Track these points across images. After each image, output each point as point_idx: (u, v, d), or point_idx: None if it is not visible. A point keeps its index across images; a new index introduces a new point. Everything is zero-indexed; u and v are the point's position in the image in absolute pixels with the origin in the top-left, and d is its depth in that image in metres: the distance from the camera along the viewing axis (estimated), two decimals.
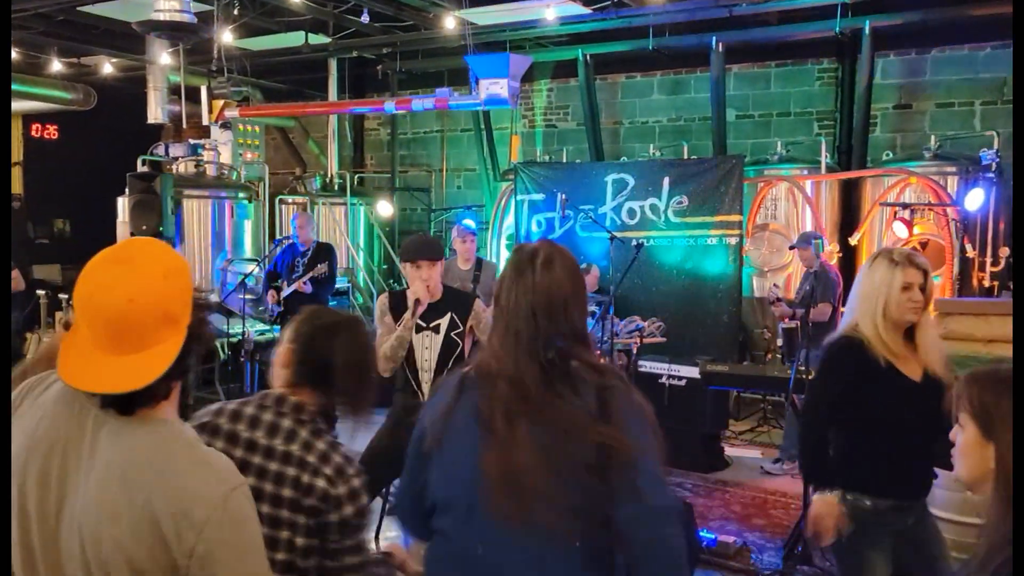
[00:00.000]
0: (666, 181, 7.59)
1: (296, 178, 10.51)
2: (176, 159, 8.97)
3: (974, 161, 7.01)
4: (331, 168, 10.33)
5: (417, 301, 3.79)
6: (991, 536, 1.45)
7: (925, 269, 2.67)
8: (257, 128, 9.82)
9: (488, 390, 1.75)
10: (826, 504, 2.58)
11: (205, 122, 9.29)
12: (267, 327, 7.75)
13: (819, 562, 4.30)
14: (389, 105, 8.46)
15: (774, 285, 7.01)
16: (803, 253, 6.36)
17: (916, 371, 2.64)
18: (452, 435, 1.78)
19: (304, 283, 6.89)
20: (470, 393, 1.79)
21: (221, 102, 9.24)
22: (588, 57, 8.91)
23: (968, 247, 6.71)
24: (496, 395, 1.73)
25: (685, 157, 8.29)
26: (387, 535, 4.88)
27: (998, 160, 6.93)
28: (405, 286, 4.04)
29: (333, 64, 10.05)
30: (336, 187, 9.97)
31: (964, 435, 1.53)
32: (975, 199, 6.55)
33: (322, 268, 6.97)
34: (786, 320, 6.34)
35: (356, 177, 10.38)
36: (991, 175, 6.78)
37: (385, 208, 9.87)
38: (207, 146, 9.06)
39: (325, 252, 7.25)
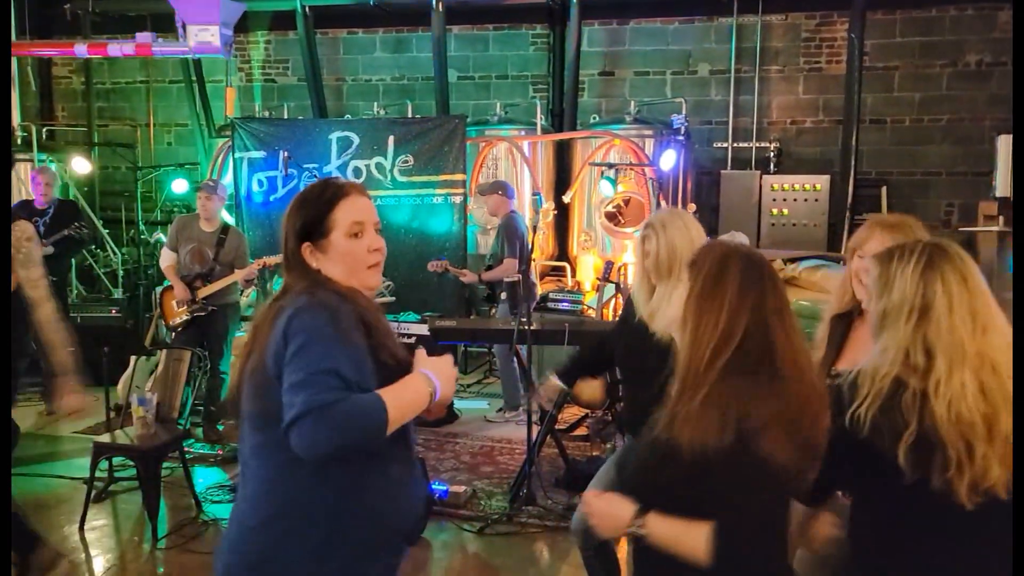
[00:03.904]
0: (391, 140, 7.58)
1: None
2: None
3: (667, 125, 7.76)
4: (12, 119, 9.05)
5: None
6: (683, 363, 1.76)
7: (647, 244, 2.86)
8: None
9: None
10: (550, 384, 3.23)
11: None
12: None
13: (542, 501, 4.62)
14: (80, 49, 7.57)
15: (441, 257, 7.01)
16: (489, 200, 6.35)
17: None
18: None
19: (46, 243, 5.99)
20: None
21: None
22: (307, 9, 8.57)
23: (663, 203, 7.43)
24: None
25: (410, 116, 8.31)
26: (93, 524, 4.50)
27: (686, 124, 7.73)
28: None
29: None
30: (20, 141, 8.78)
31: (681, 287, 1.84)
32: (668, 159, 7.26)
33: (81, 227, 6.24)
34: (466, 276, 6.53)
35: (44, 131, 9.21)
36: (680, 138, 7.54)
37: (82, 166, 8.87)
38: None
39: (72, 211, 6.45)
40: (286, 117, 8.71)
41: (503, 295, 6.28)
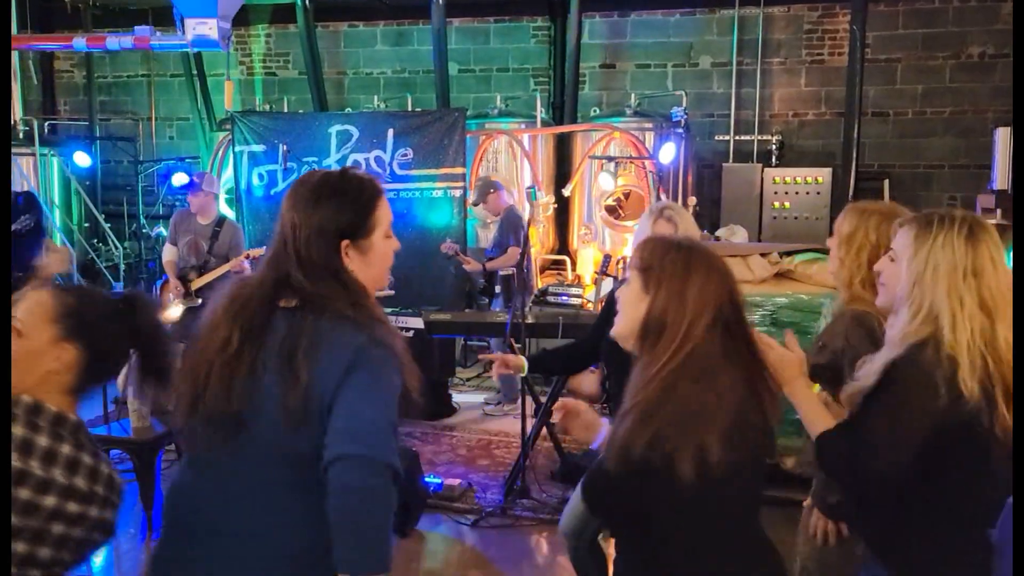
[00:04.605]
0: (390, 133, 7.57)
1: None
2: None
3: (667, 118, 7.73)
4: (14, 113, 9.09)
5: None
6: (635, 381, 1.61)
7: (676, 222, 2.89)
8: None
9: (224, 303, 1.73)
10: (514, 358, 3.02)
11: None
12: None
13: (536, 494, 4.62)
14: (79, 42, 7.57)
15: (453, 240, 7.09)
16: (487, 204, 6.48)
17: None
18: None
19: None
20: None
21: None
22: (307, 2, 8.57)
23: (663, 196, 7.41)
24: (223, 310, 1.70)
25: (409, 109, 8.31)
26: None
27: (686, 117, 7.70)
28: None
29: None
30: (22, 135, 8.82)
31: (628, 289, 1.68)
32: (668, 152, 7.23)
33: (27, 220, 6.19)
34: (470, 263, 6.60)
35: (46, 124, 9.25)
36: (680, 131, 7.52)
37: (83, 160, 8.89)
38: None
39: (27, 203, 6.45)
40: (287, 110, 8.72)
41: (498, 288, 6.28)
